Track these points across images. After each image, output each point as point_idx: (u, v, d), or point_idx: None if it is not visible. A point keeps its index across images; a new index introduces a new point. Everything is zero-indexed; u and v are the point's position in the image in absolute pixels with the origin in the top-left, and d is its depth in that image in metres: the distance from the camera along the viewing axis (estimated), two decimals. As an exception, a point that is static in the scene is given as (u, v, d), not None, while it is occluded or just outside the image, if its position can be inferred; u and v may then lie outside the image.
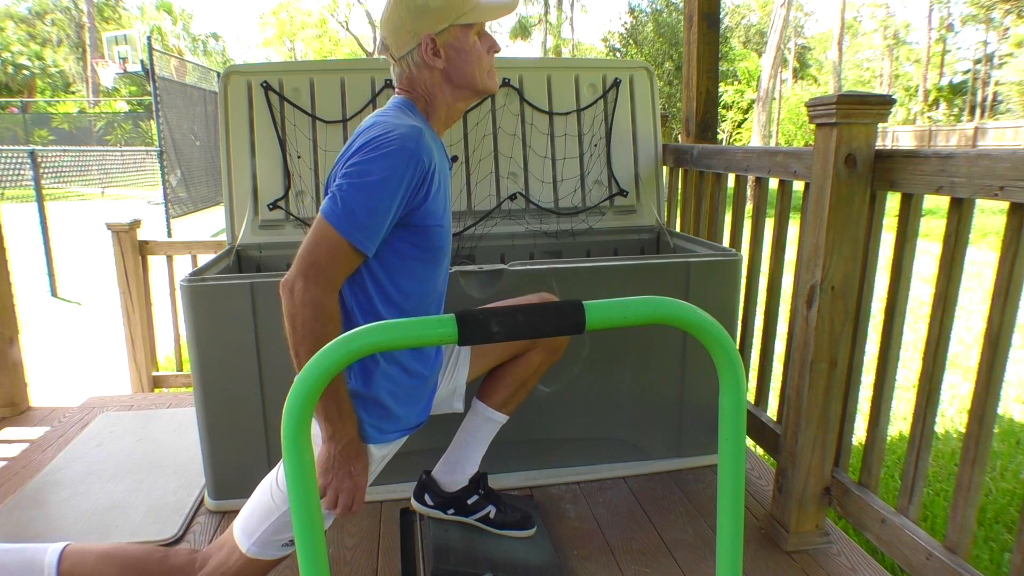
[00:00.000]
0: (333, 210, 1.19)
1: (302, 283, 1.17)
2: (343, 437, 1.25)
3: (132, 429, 2.53)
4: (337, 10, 36.96)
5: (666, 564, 1.72)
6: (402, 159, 1.19)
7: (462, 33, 1.30)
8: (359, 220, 1.18)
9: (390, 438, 1.37)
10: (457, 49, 1.30)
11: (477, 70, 1.33)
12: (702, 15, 2.67)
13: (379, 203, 1.19)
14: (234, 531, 1.33)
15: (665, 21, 21.01)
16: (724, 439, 0.82)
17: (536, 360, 1.63)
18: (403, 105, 1.33)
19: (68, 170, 13.49)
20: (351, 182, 1.19)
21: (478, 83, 1.34)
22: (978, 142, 21.82)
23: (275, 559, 1.34)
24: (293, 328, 1.18)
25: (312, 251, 1.18)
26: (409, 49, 1.30)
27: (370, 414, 1.33)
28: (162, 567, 1.31)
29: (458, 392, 1.60)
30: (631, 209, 2.62)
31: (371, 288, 1.29)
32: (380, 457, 1.39)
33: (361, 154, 1.20)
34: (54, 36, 31.59)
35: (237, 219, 2.35)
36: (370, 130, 1.23)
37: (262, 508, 1.31)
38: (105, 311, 5.75)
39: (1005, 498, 2.63)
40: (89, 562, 1.29)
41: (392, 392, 1.34)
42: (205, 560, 1.33)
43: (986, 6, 34.36)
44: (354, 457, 1.27)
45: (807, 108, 1.61)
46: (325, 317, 1.18)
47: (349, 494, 1.28)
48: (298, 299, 1.17)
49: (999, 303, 1.30)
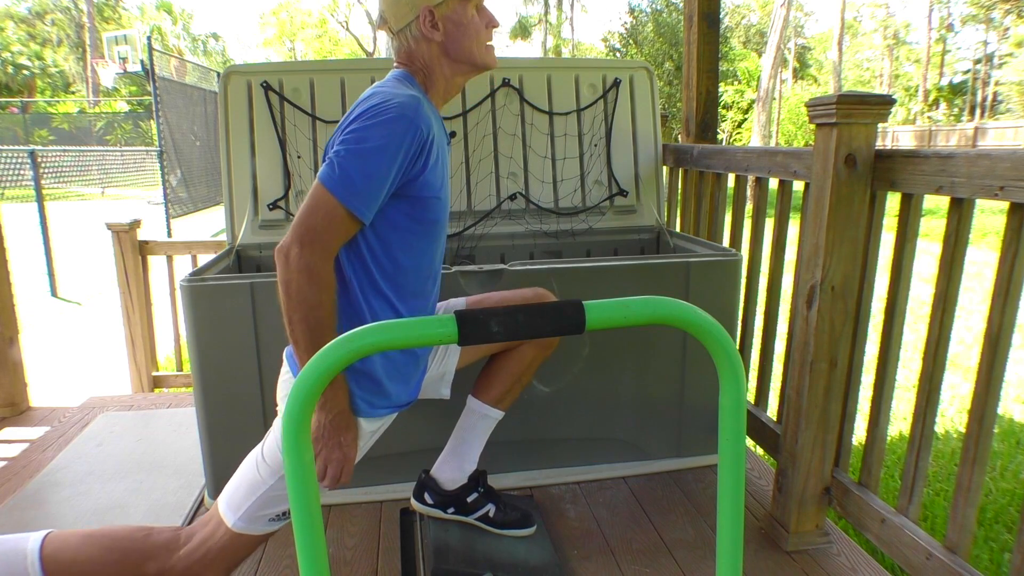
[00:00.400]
0: (330, 176, 1.18)
1: (297, 249, 1.16)
2: (334, 407, 1.24)
3: (132, 429, 2.53)
4: (337, 10, 36.97)
5: (666, 564, 1.72)
6: (400, 126, 1.19)
7: (460, 6, 1.30)
8: (356, 186, 1.17)
9: (380, 413, 1.37)
10: (455, 22, 1.30)
11: (475, 44, 1.32)
12: (702, 15, 2.67)
13: (376, 169, 1.18)
14: (219, 506, 1.31)
15: (665, 21, 21.01)
16: (724, 439, 0.82)
17: (529, 355, 1.63)
18: (402, 77, 1.32)
19: (68, 170, 13.49)
20: (349, 148, 1.18)
21: (476, 57, 1.34)
22: (978, 142, 21.82)
23: (262, 534, 1.32)
24: (287, 294, 1.18)
25: (308, 217, 1.17)
26: (407, 22, 1.29)
27: (362, 388, 1.32)
28: (146, 544, 1.29)
29: (446, 378, 1.60)
30: (631, 209, 2.62)
31: (369, 261, 1.29)
32: (370, 432, 1.38)
33: (359, 121, 1.20)
34: (54, 36, 31.59)
35: (237, 219, 2.35)
36: (369, 99, 1.23)
37: (248, 482, 1.29)
38: (105, 311, 5.75)
39: (1005, 498, 2.63)
40: (72, 544, 1.28)
41: (385, 368, 1.34)
42: (190, 536, 1.31)
43: (986, 6, 34.36)
44: (344, 428, 1.27)
45: (807, 108, 1.61)
46: (320, 284, 1.17)
47: (338, 464, 1.27)
48: (293, 265, 1.16)
49: (999, 303, 1.30)
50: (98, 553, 1.27)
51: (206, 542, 1.29)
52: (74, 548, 1.27)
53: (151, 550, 1.29)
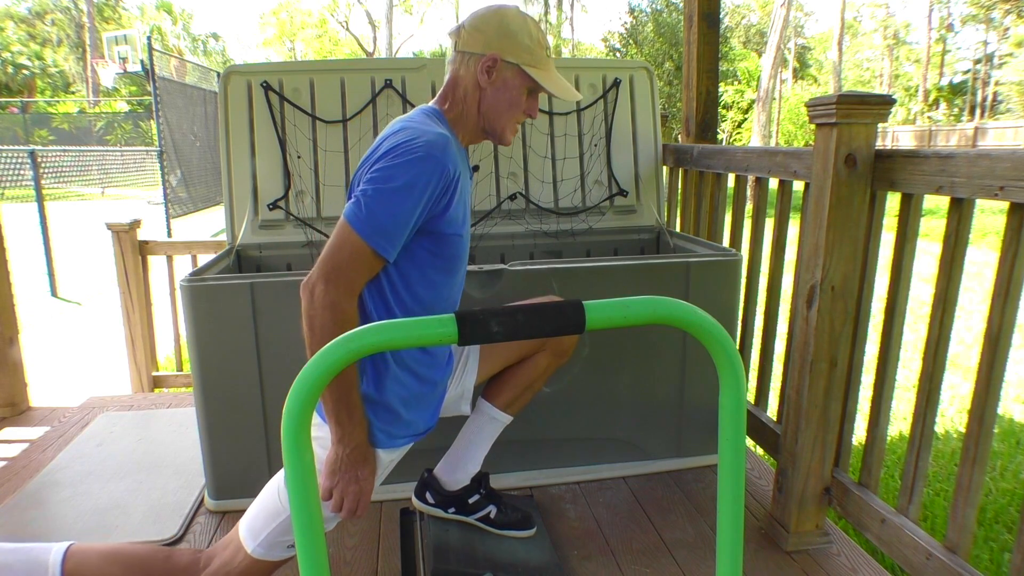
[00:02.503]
0: (356, 215, 1.19)
1: (323, 286, 1.18)
2: (352, 441, 1.25)
3: (132, 429, 2.53)
4: (337, 10, 36.96)
5: (666, 564, 1.72)
6: (428, 166, 1.20)
7: (519, 78, 1.33)
8: (382, 225, 1.19)
9: (399, 443, 1.38)
10: (506, 86, 1.33)
11: (507, 114, 1.35)
12: (702, 15, 2.67)
13: (402, 209, 1.19)
14: (240, 531, 1.33)
15: (665, 21, 20.99)
16: (724, 439, 0.82)
17: (543, 363, 1.63)
18: (431, 113, 1.34)
19: (68, 170, 13.49)
20: (376, 187, 1.19)
21: (498, 124, 1.36)
22: (978, 142, 21.82)
23: (280, 560, 1.34)
24: (311, 330, 1.19)
25: (334, 255, 1.19)
26: (473, 52, 1.31)
27: (380, 419, 1.33)
28: (166, 567, 1.31)
29: (466, 396, 1.61)
30: (631, 209, 2.62)
31: (389, 295, 1.30)
32: (388, 462, 1.39)
33: (387, 159, 1.21)
34: (54, 36, 31.59)
35: (237, 219, 2.35)
36: (397, 135, 1.24)
37: (268, 509, 1.31)
38: (105, 311, 5.75)
39: (1005, 498, 2.63)
40: (93, 562, 1.30)
41: (403, 398, 1.35)
42: (209, 560, 1.33)
43: (986, 6, 34.36)
44: (361, 462, 1.28)
45: (807, 108, 1.61)
46: (343, 320, 1.19)
47: (355, 498, 1.28)
48: (318, 302, 1.18)
49: (999, 303, 1.30)
50: (120, 573, 1.29)
51: (225, 566, 1.31)
52: (95, 566, 1.29)
53: (172, 572, 1.31)
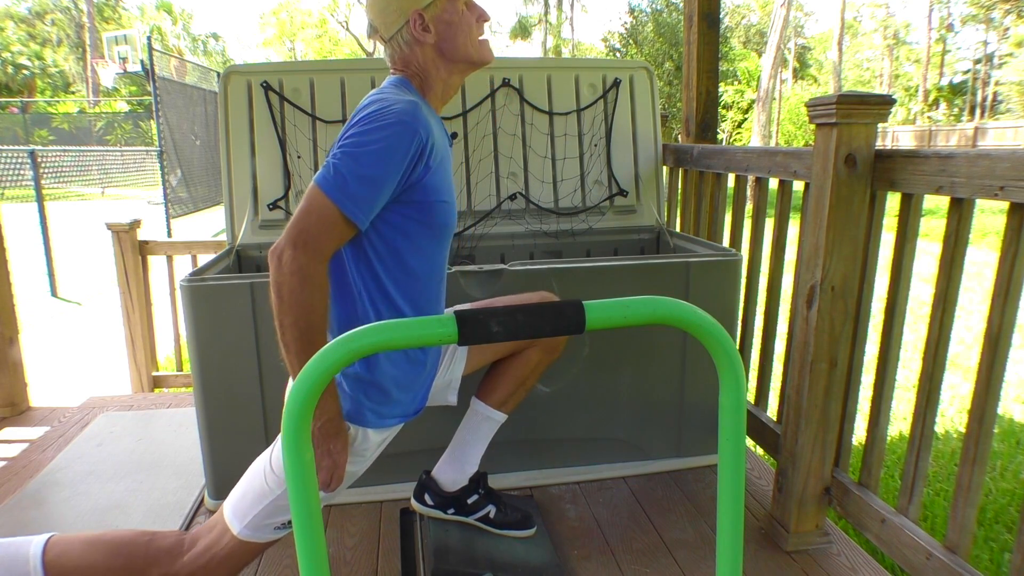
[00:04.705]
0: (325, 178, 1.18)
1: (291, 251, 1.15)
2: (323, 413, 1.23)
3: (132, 429, 2.53)
4: (337, 10, 36.94)
5: (666, 564, 1.72)
6: (398, 131, 1.19)
7: (449, 4, 1.29)
8: (351, 189, 1.17)
9: (389, 423, 1.37)
10: (446, 21, 1.29)
11: (468, 40, 1.32)
12: (702, 15, 2.67)
13: (372, 173, 1.18)
14: (225, 513, 1.31)
15: (665, 21, 21.00)
16: (724, 439, 0.82)
17: (534, 358, 1.63)
18: (399, 83, 1.32)
19: (68, 170, 13.49)
20: (346, 151, 1.18)
21: (471, 54, 1.33)
22: (978, 142, 21.81)
23: (266, 542, 1.32)
24: (279, 296, 1.17)
25: (302, 219, 1.17)
26: (398, 28, 1.29)
27: (371, 399, 1.32)
28: (149, 549, 1.29)
29: (453, 384, 1.60)
30: (631, 209, 2.62)
31: (380, 270, 1.29)
32: (377, 443, 1.38)
33: (359, 126, 1.20)
34: (54, 36, 31.58)
35: (237, 219, 2.35)
36: (368, 106, 1.23)
37: (255, 491, 1.29)
38: (105, 311, 5.75)
39: (1005, 498, 2.63)
40: (75, 549, 1.28)
41: (394, 377, 1.34)
42: (193, 542, 1.31)
43: (986, 6, 34.35)
44: (333, 434, 1.26)
45: (807, 108, 1.61)
46: (312, 287, 1.16)
47: (328, 471, 1.26)
48: (286, 267, 1.15)
49: (999, 303, 1.30)
50: (101, 559, 1.27)
51: (210, 548, 1.29)
52: (77, 553, 1.27)
53: (155, 555, 1.29)
